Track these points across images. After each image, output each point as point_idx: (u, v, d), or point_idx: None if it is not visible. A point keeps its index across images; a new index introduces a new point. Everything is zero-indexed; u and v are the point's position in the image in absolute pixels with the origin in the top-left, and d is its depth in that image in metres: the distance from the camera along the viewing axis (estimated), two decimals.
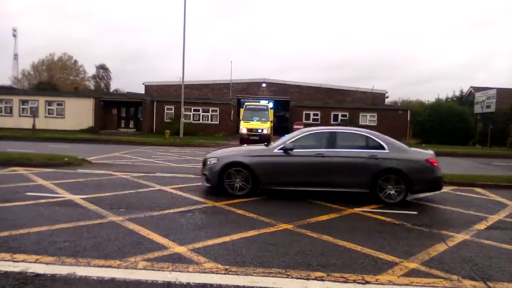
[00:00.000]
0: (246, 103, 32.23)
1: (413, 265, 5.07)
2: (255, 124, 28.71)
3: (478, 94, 36.55)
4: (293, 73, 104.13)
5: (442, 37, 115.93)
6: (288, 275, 4.58)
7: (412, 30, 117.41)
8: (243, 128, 28.57)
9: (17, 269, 4.45)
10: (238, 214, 7.48)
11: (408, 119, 36.94)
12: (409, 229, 6.88)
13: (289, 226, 6.71)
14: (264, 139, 25.42)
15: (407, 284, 4.47)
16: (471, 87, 46.73)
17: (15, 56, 70.63)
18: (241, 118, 30.33)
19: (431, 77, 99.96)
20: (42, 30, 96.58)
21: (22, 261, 4.71)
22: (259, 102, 33.83)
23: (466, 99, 45.57)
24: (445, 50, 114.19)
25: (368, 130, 9.96)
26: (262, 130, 28.21)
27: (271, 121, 30.60)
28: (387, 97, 47.20)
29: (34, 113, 33.42)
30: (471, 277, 4.76)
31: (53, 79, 61.06)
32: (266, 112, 30.49)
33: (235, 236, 6.00)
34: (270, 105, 32.50)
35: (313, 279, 4.50)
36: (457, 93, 50.49)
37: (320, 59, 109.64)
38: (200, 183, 10.44)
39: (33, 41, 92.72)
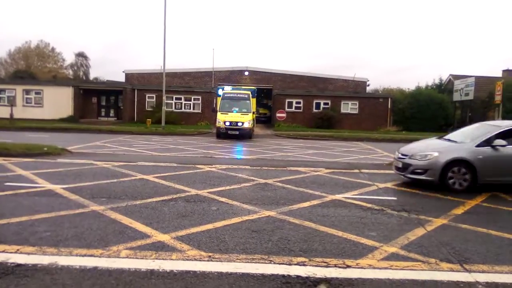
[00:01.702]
0: (223, 91, 26.47)
1: (392, 249, 5.19)
2: (234, 116, 23.73)
3: (457, 82, 37.15)
4: (276, 62, 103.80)
5: (422, 25, 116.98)
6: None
7: (393, 18, 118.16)
8: (220, 121, 23.73)
9: None
10: None
11: (389, 106, 37.30)
12: (389, 215, 7.01)
13: None
14: (244, 134, 23.52)
15: (386, 268, 4.58)
16: (450, 75, 47.40)
17: None
18: (217, 108, 25.41)
19: (411, 66, 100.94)
20: (21, 17, 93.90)
21: (3, 251, 4.66)
22: (240, 89, 27.50)
23: (445, 87, 46.22)
24: (425, 38, 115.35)
25: None
26: (242, 123, 23.40)
27: (253, 112, 25.62)
28: (368, 85, 47.53)
29: (11, 102, 32.66)
30: (449, 260, 4.90)
31: (31, 67, 59.58)
32: (248, 101, 25.29)
33: (218, 224, 6.04)
34: (252, 93, 26.71)
35: None
36: (437, 81, 51.15)
37: (303, 48, 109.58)
38: (182, 172, 10.40)
39: (12, 28, 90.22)
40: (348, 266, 4.57)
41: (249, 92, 26.15)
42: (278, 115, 34.56)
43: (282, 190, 8.86)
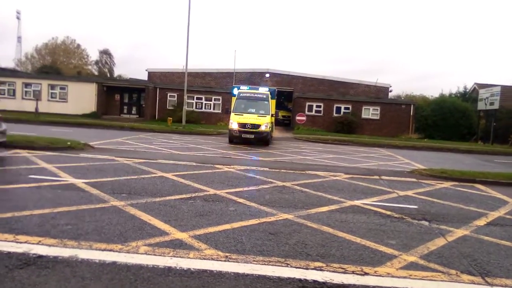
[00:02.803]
0: (239, 90, 23.45)
1: (412, 259, 5.10)
2: (249, 117, 20.78)
3: (482, 91, 36.38)
4: (297, 65, 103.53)
5: (448, 32, 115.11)
6: None
7: (418, 25, 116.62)
8: (233, 122, 20.66)
9: (20, 250, 4.49)
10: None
11: (411, 113, 36.80)
12: (409, 223, 6.91)
13: None
14: (261, 139, 20.61)
15: (405, 277, 4.50)
16: (475, 83, 46.50)
17: (19, 39, 70.32)
18: (232, 109, 22.51)
19: (436, 73, 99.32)
20: (49, 14, 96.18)
21: (25, 242, 4.75)
22: (257, 89, 24.05)
23: (469, 96, 45.40)
24: (452, 45, 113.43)
25: None
26: (259, 126, 20.40)
27: (272, 115, 22.38)
28: (390, 91, 46.98)
29: (37, 96, 33.41)
30: (469, 272, 4.80)
31: (57, 63, 60.87)
32: (266, 102, 22.20)
33: (236, 225, 6.05)
34: (271, 93, 23.49)
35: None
36: (461, 89, 50.25)
37: (324, 52, 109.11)
38: (201, 171, 10.47)
39: (41, 24, 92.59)
40: (366, 273, 4.52)
41: (268, 92, 23.11)
42: (298, 118, 34.44)
43: (300, 193, 8.82)
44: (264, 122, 20.73)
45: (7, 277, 3.82)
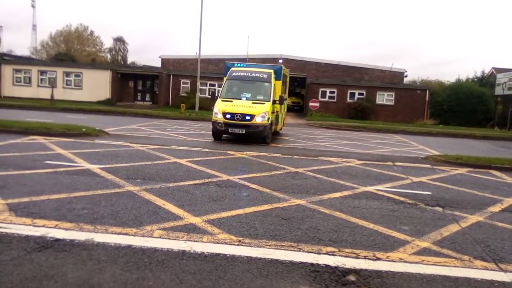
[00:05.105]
0: (232, 68, 16.92)
1: (424, 244, 5.09)
2: (240, 105, 15.03)
3: (500, 75, 35.66)
4: (311, 51, 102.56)
5: (466, 17, 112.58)
6: None
7: (436, 9, 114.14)
8: (218, 112, 14.97)
9: (37, 234, 4.61)
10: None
11: (427, 99, 36.23)
12: (422, 209, 6.88)
13: None
14: (255, 134, 14.83)
15: (417, 262, 4.50)
16: (493, 68, 45.54)
17: (33, 27, 71.09)
18: (220, 94, 16.55)
19: (453, 59, 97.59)
20: (66, 2, 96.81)
21: (42, 226, 4.86)
22: (258, 67, 17.72)
23: (487, 81, 44.50)
24: (469, 30, 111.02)
25: None
26: (252, 117, 14.56)
27: (275, 101, 15.73)
28: (405, 76, 46.26)
29: (52, 83, 33.76)
30: (483, 258, 4.77)
31: (71, 51, 61.31)
32: (267, 84, 15.99)
33: (248, 210, 6.09)
34: (275, 72, 16.65)
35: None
36: (479, 74, 49.28)
37: (339, 38, 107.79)
38: (214, 157, 10.53)
39: (58, 12, 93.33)
40: (378, 259, 4.53)
41: (271, 71, 16.58)
42: (311, 104, 34.27)
43: (313, 179, 8.82)
44: (261, 111, 14.79)
45: (26, 260, 3.93)
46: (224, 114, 14.81)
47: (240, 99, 15.50)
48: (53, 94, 31.10)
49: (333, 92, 37.05)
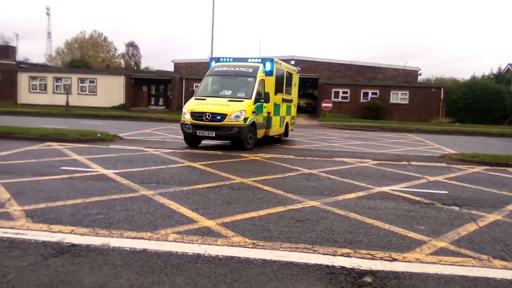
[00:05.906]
0: (216, 63, 15.49)
1: (442, 244, 5.01)
2: (212, 104, 13.07)
3: None
4: (323, 52, 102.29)
5: (480, 14, 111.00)
6: None
7: (449, 7, 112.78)
8: (187, 112, 13.14)
9: (54, 239, 4.65)
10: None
11: (441, 97, 35.81)
12: (438, 209, 6.78)
13: None
14: (231, 137, 13.21)
15: (435, 263, 4.43)
16: (509, 64, 44.71)
17: (49, 34, 72.23)
18: (195, 92, 14.83)
19: (468, 56, 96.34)
20: (80, 9, 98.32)
21: (59, 231, 4.91)
22: (245, 60, 15.04)
23: (503, 77, 43.72)
24: (483, 27, 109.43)
25: None
26: (224, 116, 12.54)
27: (259, 99, 13.50)
28: (419, 75, 45.76)
29: (67, 90, 34.27)
30: (502, 257, 4.67)
31: (85, 57, 62.17)
32: (250, 79, 13.82)
33: (262, 212, 6.08)
34: (264, 66, 14.32)
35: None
36: (495, 71, 48.44)
37: (352, 38, 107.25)
38: (227, 160, 10.54)
39: (73, 19, 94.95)
40: (395, 260, 4.47)
41: (259, 65, 14.34)
42: (324, 105, 34.10)
43: (327, 180, 8.77)
44: (236, 109, 12.65)
45: (42, 265, 3.97)
46: (192, 114, 12.85)
47: (219, 97, 13.52)
48: (68, 100, 31.56)
49: (346, 92, 36.87)
